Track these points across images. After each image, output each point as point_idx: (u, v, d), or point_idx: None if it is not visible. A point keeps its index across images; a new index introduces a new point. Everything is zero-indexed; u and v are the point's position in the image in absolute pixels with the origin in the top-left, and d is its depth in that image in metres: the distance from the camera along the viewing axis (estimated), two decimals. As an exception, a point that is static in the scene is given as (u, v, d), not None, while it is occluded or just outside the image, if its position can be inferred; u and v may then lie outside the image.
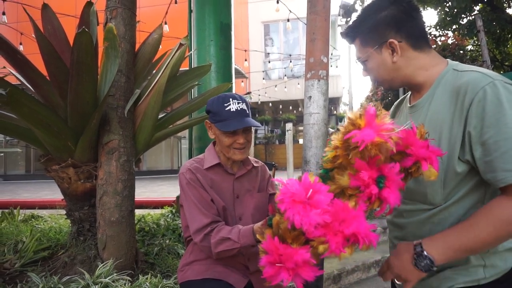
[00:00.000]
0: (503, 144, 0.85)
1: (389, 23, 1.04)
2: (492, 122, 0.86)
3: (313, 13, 1.90)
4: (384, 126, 0.79)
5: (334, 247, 0.76)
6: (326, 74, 1.87)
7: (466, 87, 0.92)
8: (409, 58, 1.05)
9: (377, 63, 1.08)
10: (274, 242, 0.78)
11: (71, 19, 4.77)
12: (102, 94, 2.32)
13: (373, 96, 12.24)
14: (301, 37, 18.71)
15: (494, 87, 0.88)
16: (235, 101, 1.43)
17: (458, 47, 8.01)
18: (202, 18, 3.25)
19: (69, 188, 2.49)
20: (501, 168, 0.86)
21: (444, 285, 0.98)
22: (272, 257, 0.78)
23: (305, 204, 0.74)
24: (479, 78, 0.91)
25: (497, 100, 0.87)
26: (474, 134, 0.90)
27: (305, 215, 0.73)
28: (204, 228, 1.41)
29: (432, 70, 1.05)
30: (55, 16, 2.62)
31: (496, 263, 0.94)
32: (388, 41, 1.03)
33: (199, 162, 1.54)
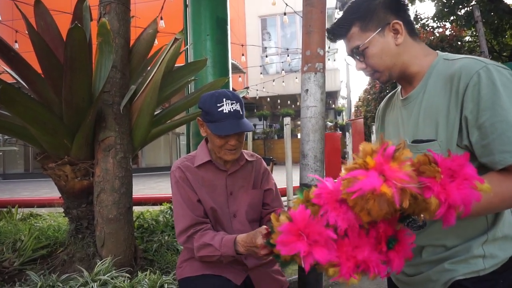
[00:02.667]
0: (499, 126, 0.85)
1: (390, 6, 1.03)
2: (488, 105, 0.87)
3: (309, 5, 1.88)
4: (398, 174, 0.66)
5: (345, 272, 0.74)
6: (323, 66, 1.85)
7: (460, 73, 0.92)
8: (407, 44, 1.05)
9: (380, 47, 1.04)
10: (305, 212, 0.75)
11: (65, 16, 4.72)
12: (97, 90, 2.30)
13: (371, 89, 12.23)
14: (298, 31, 18.63)
15: (488, 71, 0.89)
16: (229, 101, 1.38)
17: (456, 38, 7.99)
18: (197, 13, 3.22)
19: (66, 186, 2.48)
20: (498, 150, 0.86)
21: (444, 277, 0.97)
22: (296, 225, 0.74)
23: (341, 203, 0.71)
24: (472, 63, 0.92)
25: (491, 84, 0.87)
26: (470, 118, 0.90)
27: (341, 213, 0.71)
28: (187, 230, 1.41)
29: (424, 60, 1.04)
30: (48, 12, 2.58)
31: (495, 253, 0.94)
32: (392, 22, 1.02)
33: (190, 159, 1.52)
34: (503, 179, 0.86)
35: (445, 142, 0.95)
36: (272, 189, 1.63)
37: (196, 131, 3.36)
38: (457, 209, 0.69)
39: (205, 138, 1.57)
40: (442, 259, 0.99)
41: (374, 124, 6.11)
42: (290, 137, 3.92)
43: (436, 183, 0.69)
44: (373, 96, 11.35)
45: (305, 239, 0.74)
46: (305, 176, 2.13)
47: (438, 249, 1.00)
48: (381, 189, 0.64)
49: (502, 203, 0.87)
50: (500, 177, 0.87)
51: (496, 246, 0.94)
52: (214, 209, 1.47)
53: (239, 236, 1.31)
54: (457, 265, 0.96)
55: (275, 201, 1.63)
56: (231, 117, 1.37)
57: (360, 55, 1.07)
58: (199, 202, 1.46)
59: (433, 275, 0.99)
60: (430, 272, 1.00)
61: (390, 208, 0.65)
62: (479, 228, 0.96)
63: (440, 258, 0.99)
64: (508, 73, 0.90)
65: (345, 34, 1.09)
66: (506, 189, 0.85)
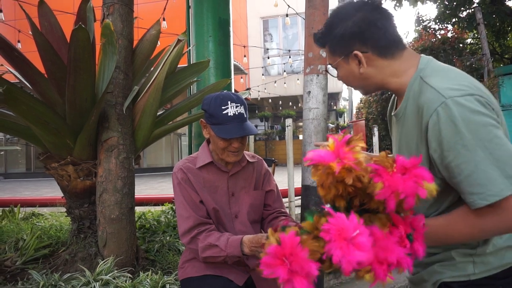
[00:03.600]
0: (464, 168, 0.83)
1: (354, 34, 0.99)
2: (450, 146, 0.84)
3: (311, 7, 1.89)
4: (347, 155, 0.76)
5: (381, 275, 0.76)
6: (325, 68, 1.86)
7: (422, 108, 0.90)
8: (378, 67, 1.01)
9: (346, 72, 1.06)
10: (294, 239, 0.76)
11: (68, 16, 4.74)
12: (100, 91, 2.31)
13: (373, 91, 12.19)
14: (300, 32, 18.63)
15: (447, 108, 0.85)
16: (233, 104, 1.39)
17: (457, 40, 7.97)
18: (200, 14, 3.23)
19: (68, 186, 2.49)
20: (467, 192, 0.84)
21: (433, 278, 1.01)
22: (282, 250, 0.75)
23: (349, 242, 0.72)
24: (434, 99, 0.88)
25: (451, 122, 0.84)
26: (435, 157, 0.89)
27: (347, 253, 0.71)
28: (191, 231, 1.42)
29: (403, 77, 1.01)
30: (51, 12, 2.60)
31: (487, 260, 0.94)
32: (353, 53, 1.00)
33: (191, 161, 1.53)
34: (479, 215, 0.86)
35: None
36: (273, 190, 1.64)
37: (198, 132, 3.37)
38: (397, 196, 0.73)
39: (206, 140, 1.58)
40: (434, 261, 1.02)
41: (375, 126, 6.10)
42: (291, 139, 3.93)
43: (385, 172, 0.75)
44: (375, 98, 11.33)
45: (287, 266, 0.74)
46: (306, 177, 2.14)
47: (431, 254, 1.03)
48: (329, 163, 0.74)
49: (483, 233, 0.88)
50: (476, 212, 0.86)
51: (488, 254, 0.95)
52: (216, 209, 1.48)
53: (245, 236, 1.32)
54: (445, 268, 0.98)
55: (276, 202, 1.64)
56: (236, 120, 1.38)
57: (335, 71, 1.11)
58: (202, 203, 1.47)
59: (426, 275, 1.03)
60: (423, 273, 1.04)
61: (332, 179, 0.75)
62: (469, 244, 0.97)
63: (432, 261, 1.03)
64: (473, 100, 0.85)
65: (322, 48, 1.12)
66: (484, 221, 0.85)
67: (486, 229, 0.86)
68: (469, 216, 0.87)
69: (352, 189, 0.78)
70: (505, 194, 0.80)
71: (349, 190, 0.78)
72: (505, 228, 0.85)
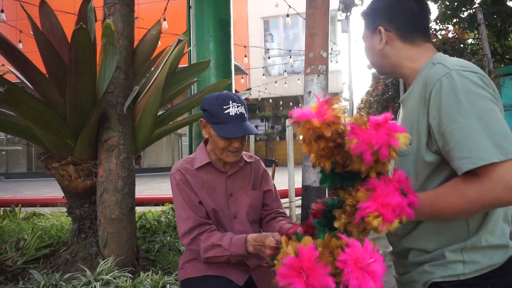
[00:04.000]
0: (458, 133, 0.87)
1: (383, 11, 1.10)
2: (448, 112, 0.90)
3: (312, 8, 1.89)
4: (327, 111, 0.82)
5: (390, 217, 0.79)
6: (326, 69, 1.86)
7: (427, 80, 0.96)
8: (396, 48, 1.10)
9: (369, 46, 1.16)
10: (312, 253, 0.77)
11: (69, 16, 4.75)
12: (101, 91, 2.31)
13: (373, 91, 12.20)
14: (301, 32, 18.63)
15: (450, 77, 0.91)
16: (235, 104, 1.40)
17: (458, 41, 7.96)
18: (201, 14, 3.23)
19: (69, 186, 2.49)
20: (457, 157, 0.88)
21: (424, 278, 1.01)
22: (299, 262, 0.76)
23: (364, 271, 0.74)
24: (439, 70, 0.95)
25: (452, 90, 0.90)
26: (434, 124, 0.94)
27: (363, 283, 0.73)
28: (191, 232, 1.42)
29: (417, 63, 1.07)
30: (53, 13, 2.60)
31: (477, 259, 0.95)
32: (377, 28, 1.10)
33: (189, 162, 1.53)
34: (466, 182, 0.88)
35: (415, 145, 0.99)
36: (271, 190, 1.64)
37: (199, 132, 3.37)
38: (371, 147, 0.76)
39: (203, 140, 1.58)
40: (424, 261, 1.02)
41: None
42: (292, 139, 3.93)
43: (359, 129, 0.80)
44: (375, 98, 11.32)
45: (304, 279, 0.75)
46: (307, 178, 2.14)
47: (422, 253, 1.04)
48: (310, 119, 0.81)
49: (470, 205, 0.89)
50: (463, 180, 0.89)
51: (478, 253, 0.95)
52: (216, 210, 1.48)
53: (250, 235, 1.32)
54: (436, 268, 0.99)
55: (274, 202, 1.64)
56: (237, 119, 1.38)
57: None
58: (201, 203, 1.47)
59: (416, 275, 1.04)
60: (413, 273, 1.05)
61: (313, 134, 0.81)
62: (459, 234, 0.98)
63: (422, 261, 1.03)
64: (476, 76, 0.91)
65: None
66: (470, 191, 0.87)
67: (472, 199, 0.87)
68: (457, 186, 0.90)
69: (333, 145, 0.82)
70: (492, 159, 0.83)
71: (330, 145, 0.82)
72: (490, 199, 0.86)
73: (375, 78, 12.05)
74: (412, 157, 1.00)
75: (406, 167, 1.02)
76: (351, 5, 8.19)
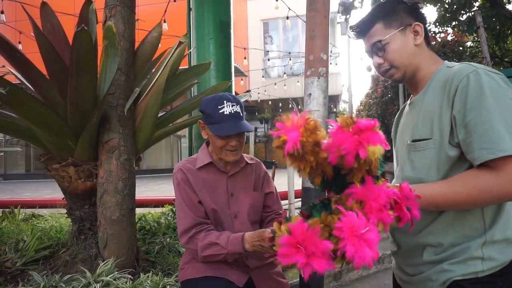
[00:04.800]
0: (481, 126, 0.92)
1: (411, 11, 1.12)
2: (473, 106, 0.94)
3: (312, 10, 1.90)
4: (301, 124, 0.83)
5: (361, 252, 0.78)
6: (326, 71, 1.87)
7: (453, 76, 1.00)
8: (422, 48, 1.12)
9: (400, 44, 1.11)
10: (303, 226, 0.79)
11: (70, 17, 4.76)
12: (102, 92, 2.32)
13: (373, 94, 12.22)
14: (300, 34, 18.66)
15: (477, 74, 0.96)
16: (229, 103, 1.42)
17: (457, 44, 7.98)
18: (201, 16, 3.24)
19: (69, 187, 2.50)
20: (478, 147, 0.92)
21: (443, 277, 1.00)
22: (294, 239, 0.78)
23: (360, 239, 0.77)
24: (465, 67, 0.99)
25: (478, 86, 0.94)
26: (458, 117, 0.97)
27: (359, 249, 0.75)
28: (189, 231, 1.44)
29: (432, 67, 1.12)
30: (54, 14, 2.61)
31: (494, 256, 0.97)
32: (414, 24, 1.10)
33: (191, 162, 1.55)
34: (480, 174, 0.93)
35: (438, 140, 1.02)
36: (273, 192, 1.66)
37: (198, 134, 3.37)
38: (339, 151, 0.78)
39: (206, 141, 1.60)
40: (442, 259, 1.02)
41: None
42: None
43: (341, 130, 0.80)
44: (375, 100, 11.33)
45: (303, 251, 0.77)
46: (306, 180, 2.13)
47: (438, 249, 1.04)
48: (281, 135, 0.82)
49: (480, 195, 0.92)
50: (478, 172, 0.94)
51: (495, 249, 0.97)
52: (215, 210, 1.49)
53: (246, 233, 1.34)
54: (456, 266, 0.99)
55: (275, 204, 1.66)
56: (232, 118, 1.41)
57: (380, 49, 1.13)
58: (200, 203, 1.48)
59: (433, 275, 1.03)
60: (430, 272, 1.04)
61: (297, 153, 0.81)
62: (476, 228, 1.00)
63: (439, 259, 1.03)
64: (499, 78, 0.96)
65: (369, 29, 1.15)
66: (484, 182, 0.91)
67: (484, 189, 0.91)
68: (472, 177, 0.94)
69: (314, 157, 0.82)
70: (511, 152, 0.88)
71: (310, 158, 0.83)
72: (503, 192, 0.90)
73: (374, 81, 12.06)
74: (434, 151, 1.02)
75: (428, 161, 1.04)
76: (351, 8, 8.22)
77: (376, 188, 0.84)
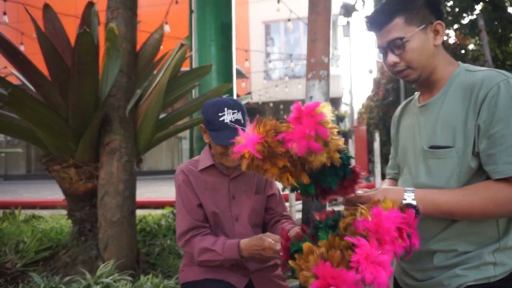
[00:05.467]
0: (509, 139, 0.89)
1: (432, 8, 1.05)
2: (502, 117, 0.90)
3: (314, 13, 1.90)
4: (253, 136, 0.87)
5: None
6: (327, 74, 1.87)
7: (481, 83, 0.95)
8: (439, 48, 1.07)
9: (420, 43, 1.03)
10: (327, 267, 0.81)
11: (72, 19, 4.77)
12: (103, 94, 2.32)
13: (374, 96, 12.22)
14: (302, 37, 18.68)
15: (508, 84, 0.91)
16: (230, 110, 1.40)
17: (459, 47, 7.99)
18: (202, 18, 3.25)
19: (70, 188, 2.50)
20: (503, 161, 0.89)
21: (455, 282, 0.99)
22: (324, 281, 0.81)
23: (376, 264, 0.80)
24: (494, 75, 0.95)
25: (509, 96, 0.90)
26: (483, 127, 0.93)
27: (378, 275, 0.78)
28: (185, 234, 1.44)
29: (448, 68, 1.07)
30: (56, 16, 2.62)
31: (505, 261, 0.96)
32: (436, 22, 1.04)
33: (193, 163, 1.55)
34: (500, 187, 0.91)
35: (462, 149, 0.97)
36: (276, 194, 1.65)
37: (199, 136, 3.37)
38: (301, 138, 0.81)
39: (208, 143, 1.59)
40: (454, 264, 1.00)
41: (376, 131, 6.10)
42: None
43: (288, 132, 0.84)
44: (376, 103, 11.33)
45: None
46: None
47: (450, 255, 1.02)
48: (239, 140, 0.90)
49: (497, 208, 0.91)
50: (497, 184, 0.91)
51: (506, 255, 0.97)
52: (216, 213, 1.49)
53: (242, 240, 1.34)
54: (469, 271, 0.98)
55: (279, 206, 1.65)
56: (232, 126, 1.39)
57: (399, 47, 1.04)
58: (200, 206, 1.49)
59: (445, 280, 1.01)
60: (442, 277, 1.02)
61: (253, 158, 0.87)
62: (490, 236, 0.99)
63: (451, 264, 1.01)
64: None
65: (387, 22, 1.05)
66: (503, 195, 0.90)
67: (502, 202, 0.90)
68: (489, 189, 0.92)
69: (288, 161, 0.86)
70: None
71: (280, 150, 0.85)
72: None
73: (375, 83, 12.07)
74: (456, 160, 0.98)
75: (449, 170, 0.99)
76: (352, 10, 8.23)
77: (386, 219, 0.85)
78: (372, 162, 8.24)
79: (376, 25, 1.09)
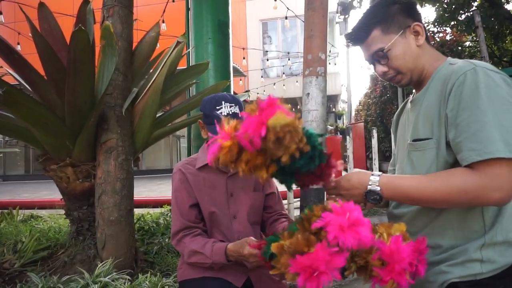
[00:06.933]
0: (473, 126, 0.89)
1: (407, 11, 1.07)
2: (467, 105, 0.91)
3: (310, 10, 1.90)
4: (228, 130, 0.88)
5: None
6: (324, 71, 1.86)
7: (451, 74, 0.97)
8: (424, 47, 1.08)
9: (402, 49, 1.06)
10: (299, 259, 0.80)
11: (68, 18, 4.75)
12: (100, 92, 2.31)
13: (372, 93, 12.23)
14: (299, 34, 18.66)
15: (475, 72, 0.92)
16: (227, 104, 1.43)
17: (456, 43, 7.99)
18: (199, 16, 3.24)
19: (67, 188, 2.49)
20: (467, 148, 0.89)
21: (440, 279, 0.99)
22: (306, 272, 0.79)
23: (352, 227, 0.79)
24: (464, 65, 0.96)
25: (474, 85, 0.91)
26: (450, 116, 0.94)
27: (361, 236, 0.77)
28: (177, 234, 1.47)
29: (435, 64, 1.07)
30: (51, 15, 2.60)
31: (494, 258, 0.94)
32: (413, 24, 1.06)
33: (191, 162, 1.56)
34: (464, 173, 0.90)
35: (438, 139, 0.99)
36: (274, 193, 1.65)
37: (197, 134, 3.37)
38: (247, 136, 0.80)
39: (206, 141, 1.59)
40: (440, 261, 1.00)
41: (374, 128, 6.10)
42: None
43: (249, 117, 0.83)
44: (374, 100, 11.35)
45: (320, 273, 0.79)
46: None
47: (436, 251, 1.02)
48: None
49: (458, 196, 0.90)
50: (462, 171, 0.91)
51: (495, 251, 0.95)
52: (213, 211, 1.49)
53: (229, 244, 1.35)
54: (454, 268, 0.97)
55: (277, 204, 1.66)
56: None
57: (383, 57, 1.08)
58: (193, 207, 1.49)
59: (431, 276, 1.01)
60: (428, 274, 1.01)
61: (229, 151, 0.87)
62: (475, 229, 0.97)
63: (437, 260, 1.01)
64: (499, 77, 0.92)
65: (365, 38, 1.10)
66: (464, 182, 0.89)
67: (463, 189, 0.89)
68: (453, 176, 0.92)
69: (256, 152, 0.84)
70: (498, 155, 0.85)
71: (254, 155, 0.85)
72: (477, 194, 0.88)
73: (373, 80, 12.08)
74: (435, 151, 0.99)
75: (428, 161, 1.01)
76: (350, 8, 8.22)
77: (402, 249, 0.84)
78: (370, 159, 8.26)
79: (356, 41, 1.13)
